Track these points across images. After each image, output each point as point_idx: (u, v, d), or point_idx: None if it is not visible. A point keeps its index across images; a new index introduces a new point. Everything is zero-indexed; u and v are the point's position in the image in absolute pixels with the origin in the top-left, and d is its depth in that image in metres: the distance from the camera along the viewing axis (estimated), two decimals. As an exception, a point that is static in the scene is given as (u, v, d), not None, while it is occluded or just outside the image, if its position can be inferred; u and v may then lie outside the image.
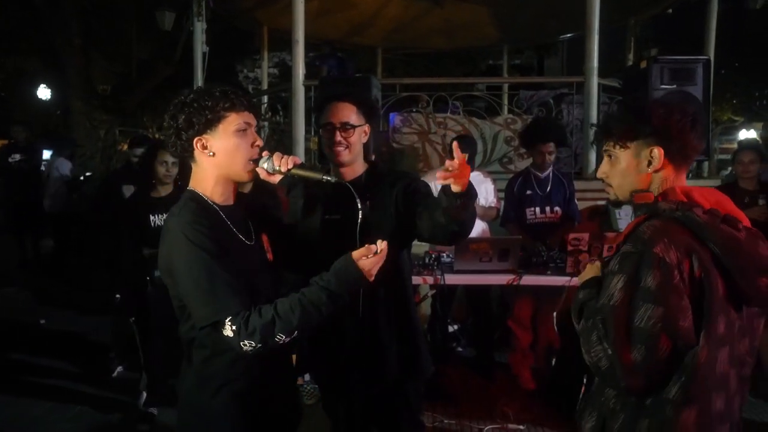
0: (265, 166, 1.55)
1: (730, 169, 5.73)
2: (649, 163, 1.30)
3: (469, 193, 1.61)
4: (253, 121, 1.50)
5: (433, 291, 3.92)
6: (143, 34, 11.96)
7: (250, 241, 1.53)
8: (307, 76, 5.25)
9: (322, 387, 2.20)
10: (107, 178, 5.66)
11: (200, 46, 6.79)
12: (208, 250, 1.35)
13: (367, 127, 1.98)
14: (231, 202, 1.53)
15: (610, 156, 1.37)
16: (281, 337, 1.33)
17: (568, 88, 6.18)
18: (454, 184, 1.55)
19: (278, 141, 6.00)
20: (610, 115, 1.40)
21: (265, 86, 8.92)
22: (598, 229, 3.98)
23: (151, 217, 3.11)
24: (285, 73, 17.14)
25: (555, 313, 3.52)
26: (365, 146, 2.03)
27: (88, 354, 4.27)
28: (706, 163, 6.62)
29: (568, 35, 9.27)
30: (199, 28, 6.80)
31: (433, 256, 3.65)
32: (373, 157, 3.97)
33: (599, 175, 1.42)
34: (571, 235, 3.16)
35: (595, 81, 4.91)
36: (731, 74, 21.26)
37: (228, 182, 1.50)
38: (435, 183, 1.87)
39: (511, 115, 5.70)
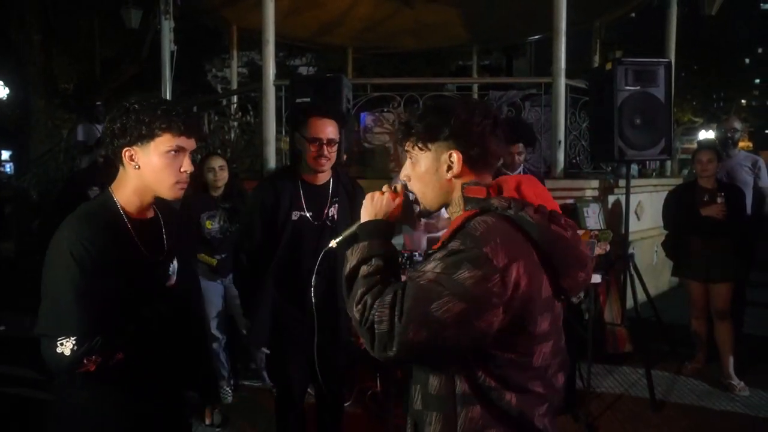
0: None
1: (691, 168, 5.93)
2: (449, 168, 1.23)
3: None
4: (189, 146, 1.50)
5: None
6: (108, 32, 11.66)
7: (155, 256, 1.53)
8: (277, 76, 5.21)
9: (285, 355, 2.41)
10: (71, 178, 5.49)
11: (168, 45, 6.64)
12: (84, 269, 1.34)
13: None
14: (147, 215, 1.54)
15: (410, 158, 1.29)
16: (116, 355, 1.38)
17: (536, 89, 6.29)
18: None
19: (248, 141, 5.93)
20: (412, 113, 1.31)
21: (234, 86, 8.79)
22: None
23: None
24: (255, 72, 16.95)
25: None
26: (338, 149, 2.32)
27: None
28: (668, 163, 6.84)
29: (536, 37, 9.42)
30: (167, 26, 6.66)
31: (406, 255, 3.67)
32: (345, 157, 4.00)
33: (401, 177, 1.33)
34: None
35: (562, 82, 5.00)
36: (691, 77, 22.03)
37: (148, 195, 1.50)
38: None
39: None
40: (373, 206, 1.32)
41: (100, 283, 1.36)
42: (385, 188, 1.34)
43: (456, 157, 1.22)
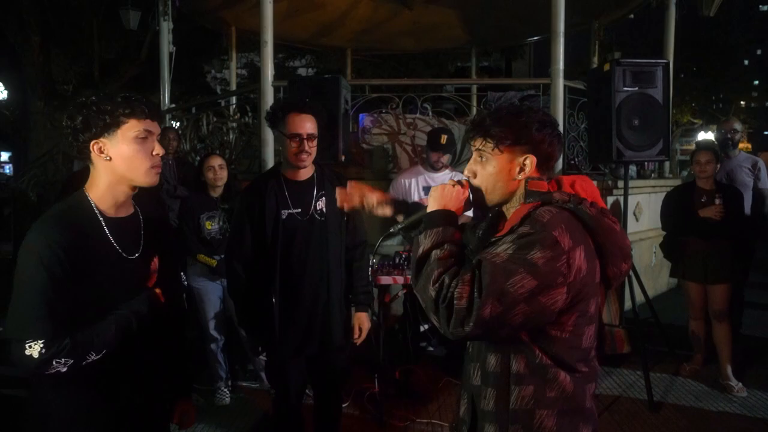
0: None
1: (689, 169, 5.93)
2: (521, 170, 1.35)
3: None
4: (156, 130, 1.50)
5: (404, 290, 3.95)
6: (107, 33, 11.65)
7: (133, 254, 1.51)
8: (276, 77, 5.21)
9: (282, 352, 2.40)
10: (69, 179, 5.48)
11: (167, 46, 6.66)
12: (52, 272, 1.33)
13: None
14: (122, 213, 1.52)
15: (481, 157, 1.39)
16: (91, 356, 1.38)
17: (535, 90, 6.30)
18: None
19: (246, 142, 5.93)
20: (489, 115, 1.40)
21: (233, 87, 8.81)
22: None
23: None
24: (254, 73, 16.96)
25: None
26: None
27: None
28: (667, 164, 6.85)
29: (535, 38, 9.44)
30: (166, 27, 6.67)
31: (404, 256, 3.68)
32: (343, 158, 3.99)
33: (466, 173, 1.43)
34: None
35: (561, 83, 5.01)
36: (690, 79, 22.06)
37: (121, 189, 1.49)
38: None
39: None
40: (443, 197, 1.40)
41: (70, 285, 1.35)
42: (452, 182, 1.42)
43: (530, 161, 1.35)
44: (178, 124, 6.99)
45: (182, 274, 3.48)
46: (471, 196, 1.41)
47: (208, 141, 6.26)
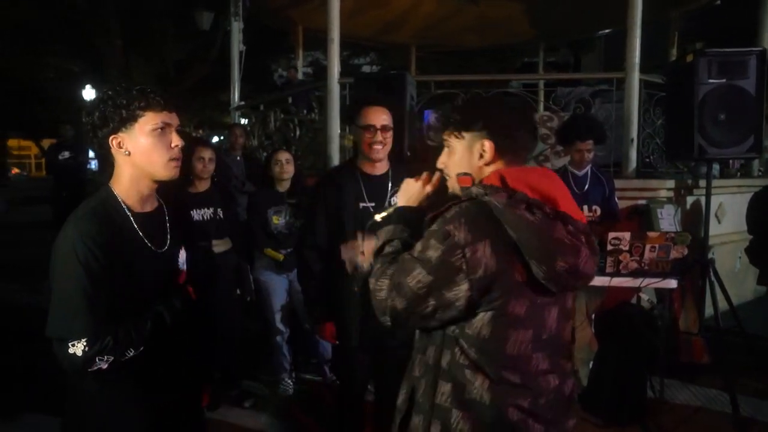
0: None
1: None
2: (481, 156, 1.33)
3: None
4: (174, 121, 1.48)
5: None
6: (179, 35, 12.21)
7: (161, 248, 1.50)
8: (341, 75, 5.26)
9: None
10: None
11: (237, 46, 6.88)
12: (89, 269, 1.33)
13: None
14: (148, 207, 1.51)
15: (447, 146, 1.41)
16: (130, 352, 1.39)
17: (607, 85, 6.02)
18: None
19: (312, 139, 6.03)
20: (451, 105, 1.41)
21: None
22: (638, 229, 3.86)
23: (192, 213, 3.17)
24: (319, 72, 17.25)
25: (593, 315, 3.43)
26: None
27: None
28: (755, 162, 6.34)
29: (606, 31, 9.03)
30: (236, 27, 6.90)
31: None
32: (409, 154, 3.97)
33: (438, 164, 1.45)
34: (611, 235, 3.07)
35: (636, 76, 4.75)
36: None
37: (144, 182, 1.47)
38: None
39: (547, 113, 5.58)
40: (406, 192, 1.47)
41: (106, 281, 1.35)
42: (424, 175, 1.47)
43: (488, 145, 1.32)
44: (246, 121, 7.21)
45: (248, 267, 3.58)
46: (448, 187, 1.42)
47: (275, 137, 6.42)
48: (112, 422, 1.45)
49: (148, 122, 1.43)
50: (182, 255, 1.59)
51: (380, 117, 2.27)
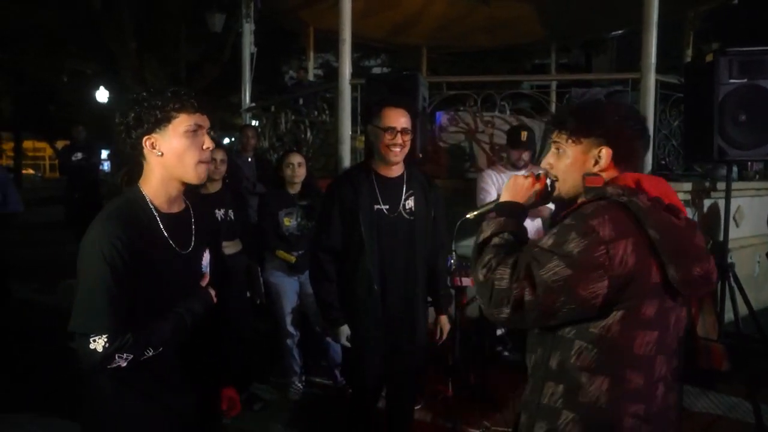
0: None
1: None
2: (596, 162, 1.33)
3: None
4: (206, 124, 1.49)
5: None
6: (191, 36, 12.26)
7: (185, 250, 1.52)
8: (352, 76, 5.23)
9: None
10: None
11: (248, 47, 6.89)
12: (114, 268, 1.35)
13: None
14: (175, 208, 1.53)
15: (558, 149, 1.39)
16: (149, 352, 1.40)
17: (622, 85, 5.93)
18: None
19: (323, 140, 6.01)
20: (565, 108, 1.39)
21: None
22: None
23: None
24: (329, 73, 17.27)
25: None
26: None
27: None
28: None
29: (619, 32, 8.93)
30: (248, 29, 6.90)
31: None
32: (420, 156, 3.93)
33: (543, 165, 1.43)
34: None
35: (652, 77, 4.67)
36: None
37: (174, 184, 1.49)
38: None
39: (560, 114, 5.52)
40: (514, 188, 1.45)
41: (131, 280, 1.37)
42: (528, 174, 1.46)
43: (605, 152, 1.32)
44: (257, 122, 7.21)
45: (258, 269, 3.55)
46: (550, 188, 1.42)
47: (286, 139, 6.40)
48: (130, 424, 1.46)
49: (181, 123, 1.45)
50: (206, 257, 1.60)
51: (401, 119, 2.24)
